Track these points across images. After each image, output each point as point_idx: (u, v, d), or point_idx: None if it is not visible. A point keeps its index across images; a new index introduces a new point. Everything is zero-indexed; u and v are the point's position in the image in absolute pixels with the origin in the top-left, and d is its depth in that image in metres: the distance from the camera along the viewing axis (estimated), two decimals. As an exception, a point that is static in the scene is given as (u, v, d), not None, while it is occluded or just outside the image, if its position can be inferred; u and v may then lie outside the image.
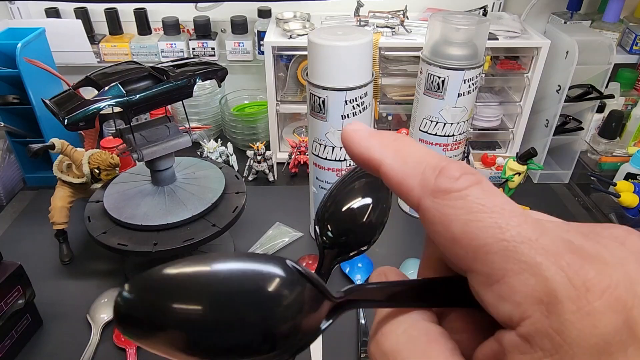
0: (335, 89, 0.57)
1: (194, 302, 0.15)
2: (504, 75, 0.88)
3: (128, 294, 0.14)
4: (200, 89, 0.96)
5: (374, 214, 0.27)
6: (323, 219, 0.28)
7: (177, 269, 0.15)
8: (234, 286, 0.15)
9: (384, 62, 0.88)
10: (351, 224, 0.27)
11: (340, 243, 0.27)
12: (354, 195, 0.28)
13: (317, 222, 0.27)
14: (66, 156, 0.68)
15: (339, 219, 0.27)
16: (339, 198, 0.28)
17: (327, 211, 0.28)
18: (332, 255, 0.27)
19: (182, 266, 0.15)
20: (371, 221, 0.27)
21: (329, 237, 0.27)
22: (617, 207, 0.78)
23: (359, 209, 0.27)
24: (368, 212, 0.27)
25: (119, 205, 0.60)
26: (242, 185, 0.66)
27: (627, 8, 0.98)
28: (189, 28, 1.01)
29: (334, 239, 0.27)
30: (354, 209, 0.27)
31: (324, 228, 0.27)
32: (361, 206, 0.27)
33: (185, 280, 0.15)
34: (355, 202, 0.28)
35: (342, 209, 0.28)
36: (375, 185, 0.28)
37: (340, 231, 0.27)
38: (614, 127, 0.91)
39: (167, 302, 0.14)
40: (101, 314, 0.59)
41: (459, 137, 0.70)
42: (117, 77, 0.52)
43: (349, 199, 0.28)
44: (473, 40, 0.63)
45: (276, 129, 0.90)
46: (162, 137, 0.59)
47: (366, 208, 0.27)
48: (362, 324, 0.58)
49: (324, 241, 0.27)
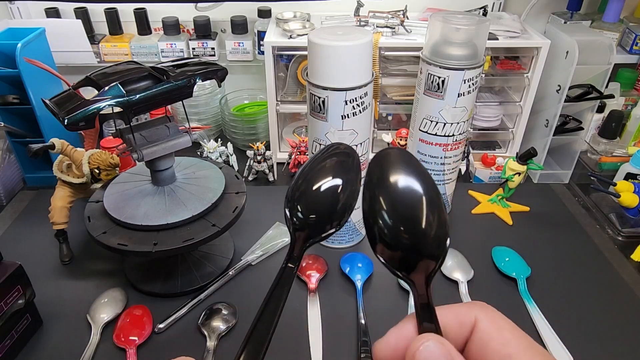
0: (335, 89, 0.57)
1: None
2: (504, 75, 0.88)
3: None
4: (200, 89, 0.96)
5: (343, 195, 0.27)
6: (293, 199, 0.28)
7: None
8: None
9: (384, 62, 0.88)
10: (321, 204, 0.27)
11: (310, 224, 0.27)
12: (324, 174, 0.28)
13: (287, 204, 0.28)
14: (66, 156, 0.68)
15: (309, 198, 0.27)
16: (309, 177, 0.28)
17: (297, 190, 0.28)
18: (303, 238, 0.27)
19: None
20: (340, 201, 0.27)
21: (299, 217, 0.27)
22: (617, 207, 0.78)
23: (329, 188, 0.27)
24: (338, 192, 0.27)
25: (119, 205, 0.60)
26: (242, 185, 0.66)
27: (627, 8, 0.98)
28: (189, 28, 1.01)
29: (304, 219, 0.27)
30: (324, 188, 0.27)
31: (294, 209, 0.27)
32: (331, 186, 0.28)
33: None
34: (325, 182, 0.28)
35: (313, 188, 0.27)
36: (346, 166, 0.29)
37: (310, 211, 0.27)
38: (614, 127, 0.91)
39: None
40: (101, 314, 0.59)
41: (459, 137, 0.70)
42: (117, 77, 0.52)
43: (319, 178, 0.28)
44: (473, 40, 0.63)
45: (276, 129, 0.90)
46: (162, 137, 0.59)
47: (336, 188, 0.28)
48: (362, 323, 0.58)
49: (295, 223, 0.27)
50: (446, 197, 0.78)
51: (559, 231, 0.76)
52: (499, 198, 0.81)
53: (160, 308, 0.60)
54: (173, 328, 0.59)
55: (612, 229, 0.77)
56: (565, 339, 0.56)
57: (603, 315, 0.61)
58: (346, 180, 0.28)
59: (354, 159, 0.29)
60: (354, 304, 0.62)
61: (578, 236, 0.75)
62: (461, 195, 0.83)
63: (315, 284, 0.64)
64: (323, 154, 0.29)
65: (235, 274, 0.66)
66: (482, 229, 0.77)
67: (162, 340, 0.57)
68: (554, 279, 0.67)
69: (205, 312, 0.59)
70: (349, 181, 0.28)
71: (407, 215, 0.24)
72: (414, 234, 0.23)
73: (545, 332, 0.57)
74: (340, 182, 0.28)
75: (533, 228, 0.77)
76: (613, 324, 0.60)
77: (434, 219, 0.24)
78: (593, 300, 0.63)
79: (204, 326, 0.58)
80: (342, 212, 0.27)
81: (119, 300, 0.61)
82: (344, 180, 0.28)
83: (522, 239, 0.74)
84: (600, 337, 0.58)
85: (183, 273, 0.65)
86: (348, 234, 0.71)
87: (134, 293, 0.64)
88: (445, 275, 0.66)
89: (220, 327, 0.58)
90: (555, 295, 0.64)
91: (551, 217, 0.79)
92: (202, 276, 0.65)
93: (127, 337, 0.56)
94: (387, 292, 0.64)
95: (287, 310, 0.24)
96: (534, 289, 0.64)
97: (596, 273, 0.68)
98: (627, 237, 0.76)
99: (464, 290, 0.63)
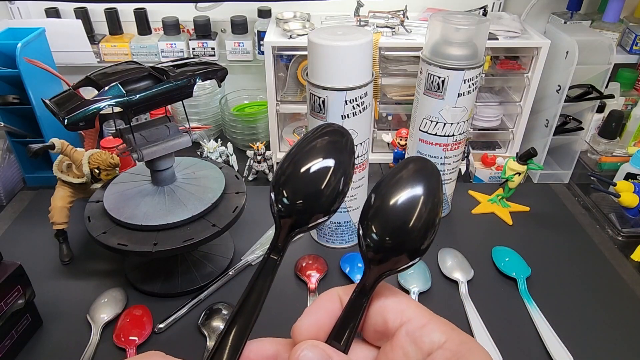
0: (335, 89, 0.57)
1: None
2: (504, 75, 0.88)
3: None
4: (200, 89, 0.96)
5: (334, 178, 0.24)
6: (278, 183, 0.25)
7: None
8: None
9: (384, 62, 0.88)
10: (309, 188, 0.24)
11: (298, 210, 0.24)
12: (314, 155, 0.25)
13: (272, 189, 0.25)
14: (66, 156, 0.68)
15: (296, 182, 0.24)
16: (297, 158, 0.25)
17: (283, 174, 0.25)
18: (288, 225, 0.24)
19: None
20: (331, 185, 0.24)
21: (284, 203, 0.24)
22: (617, 207, 0.78)
23: (318, 170, 0.24)
24: (328, 174, 0.24)
25: (119, 205, 0.60)
26: (242, 185, 0.66)
27: (627, 8, 0.98)
28: (189, 28, 1.01)
29: (290, 205, 0.24)
30: (313, 170, 0.24)
31: (279, 194, 0.25)
32: (321, 168, 0.24)
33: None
34: (314, 163, 0.24)
35: (300, 170, 0.24)
36: (339, 147, 0.26)
37: (296, 195, 0.24)
38: (614, 127, 0.91)
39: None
40: (101, 314, 0.59)
41: (459, 137, 0.70)
42: (117, 77, 0.52)
43: (309, 159, 0.25)
44: (473, 40, 0.63)
45: (276, 129, 0.90)
46: (162, 137, 0.59)
47: (326, 170, 0.24)
48: (362, 324, 0.58)
49: (279, 209, 0.24)
50: (446, 197, 0.78)
51: (559, 231, 0.76)
52: (499, 198, 0.81)
53: (160, 308, 0.60)
54: (173, 328, 0.59)
55: (612, 229, 0.77)
56: (565, 339, 0.56)
57: (603, 315, 0.61)
58: (338, 161, 0.25)
59: (347, 139, 0.26)
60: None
61: (578, 236, 0.75)
62: (461, 195, 0.83)
63: (315, 284, 0.64)
64: (314, 132, 0.26)
65: (235, 274, 0.66)
66: (482, 229, 0.77)
67: (162, 340, 0.57)
68: (554, 279, 0.67)
69: (205, 312, 0.59)
70: (341, 163, 0.25)
71: (396, 211, 0.23)
72: (397, 229, 0.23)
73: (545, 332, 0.57)
74: (332, 163, 0.24)
75: (533, 228, 0.77)
76: (613, 324, 0.60)
77: (415, 227, 0.23)
78: (593, 300, 0.63)
79: (204, 326, 0.58)
80: (334, 198, 0.24)
81: (119, 300, 0.61)
82: (336, 161, 0.25)
83: (522, 239, 0.74)
84: (600, 337, 0.58)
85: (183, 273, 0.65)
86: (348, 234, 0.71)
87: (134, 293, 0.64)
88: (445, 275, 0.66)
89: (220, 327, 0.58)
90: (555, 295, 0.64)
91: (551, 217, 0.79)
92: (202, 276, 0.65)
93: (127, 337, 0.56)
94: (387, 292, 0.64)
95: (287, 310, 0.24)
96: (534, 289, 0.64)
97: (596, 273, 0.68)
98: (627, 237, 0.76)
99: (464, 290, 0.63)
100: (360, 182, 0.67)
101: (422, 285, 0.63)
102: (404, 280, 0.64)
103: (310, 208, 0.24)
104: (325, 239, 0.72)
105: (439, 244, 0.71)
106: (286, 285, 0.65)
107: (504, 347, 0.55)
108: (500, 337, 0.56)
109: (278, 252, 0.24)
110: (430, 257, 0.69)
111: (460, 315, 0.60)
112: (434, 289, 0.64)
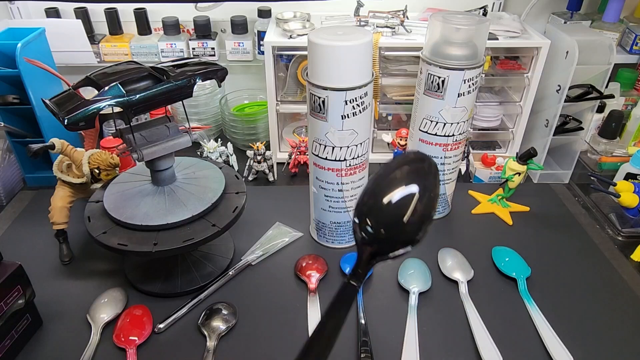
0: (335, 89, 0.57)
1: None
2: (504, 75, 0.88)
3: None
4: (200, 89, 0.96)
5: (420, 205, 0.24)
6: (362, 211, 0.25)
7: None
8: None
9: (384, 62, 0.88)
10: (393, 217, 0.24)
11: (381, 239, 0.24)
12: (397, 183, 0.25)
13: (356, 215, 0.25)
14: (66, 156, 0.68)
15: (380, 211, 0.24)
16: (382, 186, 0.25)
17: (367, 201, 0.25)
18: (370, 252, 0.24)
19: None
20: (416, 213, 0.24)
21: (368, 232, 0.24)
22: (617, 207, 0.78)
23: (403, 199, 0.24)
24: (413, 202, 0.24)
25: (119, 205, 0.60)
26: (242, 185, 0.66)
27: (627, 8, 0.98)
28: (189, 28, 1.01)
29: (374, 234, 0.24)
30: (398, 199, 0.24)
31: (363, 222, 0.25)
32: (406, 196, 0.24)
33: None
34: (399, 192, 0.24)
35: (384, 199, 0.24)
36: (422, 172, 0.25)
37: (380, 225, 0.24)
38: (614, 127, 0.91)
39: None
40: (101, 314, 0.59)
41: (459, 137, 0.70)
42: (117, 77, 0.52)
43: (393, 187, 0.25)
44: (473, 40, 0.63)
45: (276, 129, 0.90)
46: (162, 137, 0.59)
47: (410, 198, 0.24)
48: (362, 323, 0.58)
49: (363, 237, 0.24)
50: (446, 197, 0.78)
51: (559, 231, 0.76)
52: (499, 198, 0.81)
53: (160, 308, 0.60)
54: (173, 328, 0.59)
55: (612, 229, 0.77)
56: (565, 339, 0.56)
57: (603, 315, 0.61)
58: (423, 186, 0.24)
59: (430, 164, 0.26)
60: (354, 304, 0.62)
61: (578, 236, 0.75)
62: (461, 195, 0.83)
63: (315, 284, 0.64)
64: (397, 160, 0.27)
65: (235, 274, 0.66)
66: (482, 229, 0.77)
67: (162, 340, 0.57)
68: (554, 279, 0.67)
69: (205, 312, 0.59)
70: (427, 187, 0.24)
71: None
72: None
73: (545, 332, 0.57)
74: (417, 189, 0.24)
75: (533, 228, 0.77)
76: (613, 324, 0.60)
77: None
78: (593, 300, 0.63)
79: (204, 326, 0.58)
80: (419, 225, 0.24)
81: (119, 300, 0.61)
82: (420, 186, 0.24)
83: (522, 239, 0.74)
84: (600, 337, 0.58)
85: (183, 273, 0.65)
86: (348, 234, 0.71)
87: (134, 293, 0.64)
88: (445, 275, 0.66)
89: (220, 327, 0.58)
90: (555, 295, 0.64)
91: (551, 217, 0.79)
92: (202, 276, 0.65)
93: (127, 337, 0.56)
94: (387, 292, 0.64)
95: (287, 310, 0.24)
96: (534, 289, 0.64)
97: (596, 273, 0.68)
98: (627, 237, 0.76)
99: (464, 290, 0.63)
100: (360, 182, 0.67)
101: (422, 285, 0.63)
102: (404, 281, 0.64)
103: (396, 238, 0.24)
104: (325, 239, 0.72)
105: (439, 244, 0.71)
106: (286, 285, 0.65)
107: (504, 347, 0.55)
108: (500, 337, 0.56)
109: (358, 279, 0.24)
110: (430, 257, 0.69)
111: (460, 315, 0.60)
112: (434, 289, 0.64)
